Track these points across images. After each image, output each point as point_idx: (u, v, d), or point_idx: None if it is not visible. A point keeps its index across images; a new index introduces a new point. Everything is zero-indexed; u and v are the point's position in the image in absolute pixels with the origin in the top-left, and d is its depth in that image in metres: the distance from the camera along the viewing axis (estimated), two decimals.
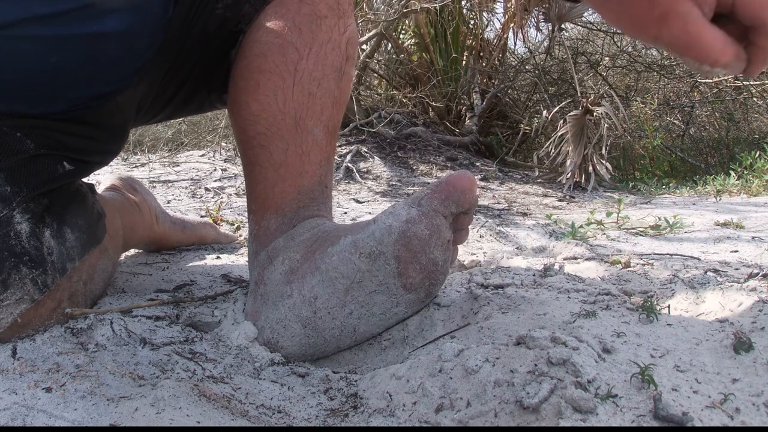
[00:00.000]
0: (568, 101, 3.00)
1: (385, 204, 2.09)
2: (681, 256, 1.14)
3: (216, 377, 0.64)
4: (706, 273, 0.91)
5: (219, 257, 1.22)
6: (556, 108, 2.90)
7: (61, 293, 0.73)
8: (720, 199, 2.10)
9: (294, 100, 0.81)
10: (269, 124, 0.81)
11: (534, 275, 0.96)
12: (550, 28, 3.16)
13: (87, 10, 0.69)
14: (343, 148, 2.87)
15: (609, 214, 1.58)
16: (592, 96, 2.63)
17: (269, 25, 0.83)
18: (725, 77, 3.55)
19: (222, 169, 2.70)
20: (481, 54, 3.56)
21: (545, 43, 3.55)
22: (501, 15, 3.57)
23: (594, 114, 2.54)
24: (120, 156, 3.21)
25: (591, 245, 1.25)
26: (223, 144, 3.09)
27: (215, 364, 0.69)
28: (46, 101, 0.75)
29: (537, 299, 0.75)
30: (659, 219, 1.49)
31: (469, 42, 3.57)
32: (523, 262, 1.09)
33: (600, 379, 0.50)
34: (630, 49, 3.82)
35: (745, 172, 2.41)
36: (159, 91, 0.95)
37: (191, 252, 1.27)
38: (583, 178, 2.50)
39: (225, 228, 1.54)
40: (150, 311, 0.80)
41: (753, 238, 1.32)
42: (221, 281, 1.00)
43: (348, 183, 2.50)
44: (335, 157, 2.59)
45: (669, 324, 0.64)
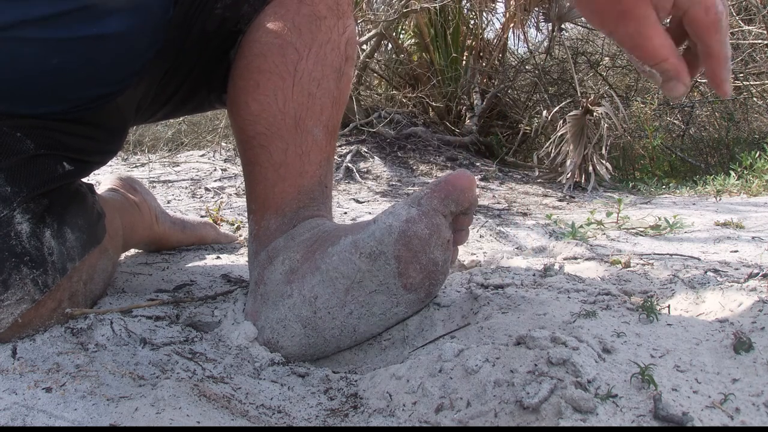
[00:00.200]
0: (568, 101, 3.00)
1: (385, 204, 2.09)
2: (681, 256, 1.14)
3: (216, 377, 0.64)
4: (706, 273, 0.91)
5: (219, 257, 1.22)
6: (556, 108, 2.90)
7: (62, 293, 0.73)
8: (720, 199, 2.10)
9: (294, 100, 0.81)
10: (269, 124, 0.81)
11: (534, 275, 0.96)
12: (550, 28, 3.16)
13: (87, 11, 0.69)
14: (343, 148, 2.87)
15: (609, 214, 1.58)
16: (592, 96, 2.63)
17: (269, 26, 0.83)
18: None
19: (222, 169, 2.70)
20: (481, 54, 3.56)
21: (545, 43, 3.55)
22: (501, 15, 3.57)
23: (594, 114, 2.53)
24: (120, 156, 3.21)
25: (591, 245, 1.25)
26: (223, 144, 3.09)
27: (215, 364, 0.69)
28: (46, 102, 0.75)
29: (537, 299, 0.75)
30: (659, 219, 1.49)
31: (469, 42, 3.57)
32: (523, 262, 1.09)
33: (600, 379, 0.50)
34: None
35: (745, 172, 2.41)
36: (158, 91, 0.95)
37: (191, 252, 1.27)
38: (583, 178, 2.50)
39: (225, 228, 1.54)
40: (150, 311, 0.80)
41: (753, 238, 1.32)
42: (221, 281, 1.00)
43: (348, 183, 2.50)
44: (335, 157, 2.60)
45: (669, 324, 0.64)
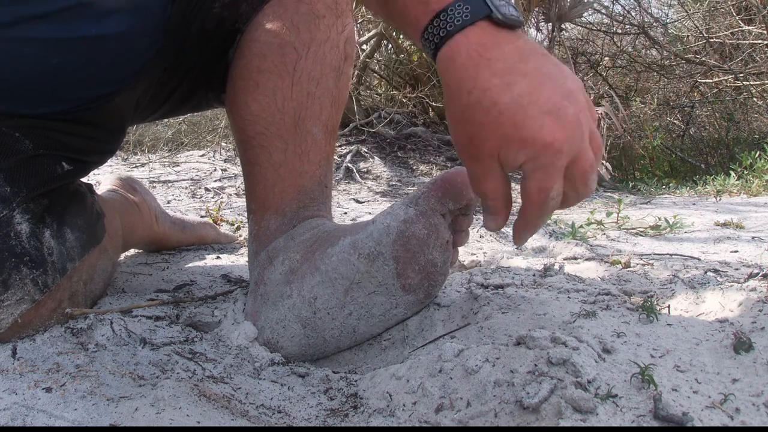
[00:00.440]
0: None
1: (385, 204, 2.09)
2: (681, 256, 1.14)
3: (216, 377, 0.64)
4: (706, 273, 0.91)
5: (219, 257, 1.22)
6: None
7: (62, 293, 0.73)
8: (720, 199, 2.10)
9: (293, 99, 0.81)
10: (268, 124, 0.81)
11: (534, 275, 0.96)
12: (550, 28, 3.16)
13: (87, 8, 0.69)
14: (343, 148, 2.87)
15: (609, 214, 1.58)
16: (592, 96, 2.63)
17: (267, 25, 0.83)
18: (725, 78, 3.55)
19: (222, 169, 2.70)
20: None
21: (545, 43, 3.54)
22: None
23: None
24: (120, 156, 3.21)
25: (591, 245, 1.25)
26: (223, 144, 3.09)
27: (215, 364, 0.69)
28: (46, 102, 0.75)
29: (537, 299, 0.75)
30: (659, 219, 1.48)
31: None
32: (523, 262, 1.09)
33: (600, 379, 0.50)
34: (630, 49, 3.82)
35: (745, 172, 2.41)
36: (156, 90, 0.95)
37: (191, 252, 1.27)
38: None
39: (225, 228, 1.54)
40: (150, 311, 0.80)
41: (753, 238, 1.32)
42: (221, 281, 1.00)
43: (348, 183, 2.50)
44: (335, 157, 2.60)
45: (669, 324, 0.64)
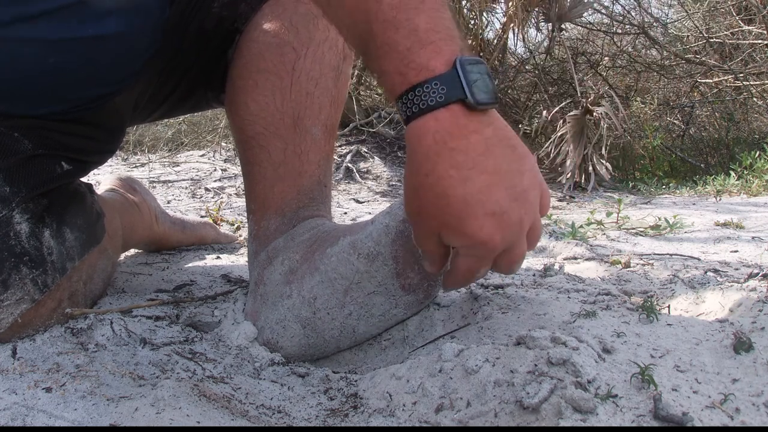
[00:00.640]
0: (568, 101, 3.00)
1: (385, 204, 2.09)
2: (681, 256, 1.14)
3: (216, 377, 0.64)
4: (706, 273, 0.91)
5: (219, 257, 1.22)
6: (556, 108, 2.90)
7: (61, 293, 0.73)
8: (720, 199, 2.10)
9: (292, 99, 0.81)
10: (268, 123, 0.81)
11: (534, 275, 0.96)
12: (550, 28, 3.16)
13: (86, 7, 0.69)
14: (343, 148, 2.87)
15: (609, 214, 1.58)
16: (592, 96, 2.63)
17: (266, 25, 0.83)
18: (725, 78, 3.55)
19: (222, 169, 2.70)
20: (481, 54, 3.56)
21: (545, 43, 3.55)
22: (501, 15, 3.56)
23: (594, 114, 2.53)
24: (120, 156, 3.21)
25: (591, 245, 1.25)
26: (223, 144, 3.09)
27: (215, 364, 0.69)
28: (46, 102, 0.75)
29: (537, 299, 0.75)
30: (659, 219, 1.48)
31: (469, 42, 3.57)
32: (523, 262, 1.08)
33: (600, 379, 0.50)
34: (630, 49, 3.82)
35: (745, 172, 2.41)
36: (155, 90, 0.95)
37: (191, 252, 1.27)
38: (583, 178, 2.50)
39: (225, 228, 1.54)
40: (150, 311, 0.80)
41: (753, 238, 1.32)
42: (221, 281, 1.00)
43: (348, 183, 2.50)
44: (335, 157, 2.60)
45: (669, 324, 0.64)
